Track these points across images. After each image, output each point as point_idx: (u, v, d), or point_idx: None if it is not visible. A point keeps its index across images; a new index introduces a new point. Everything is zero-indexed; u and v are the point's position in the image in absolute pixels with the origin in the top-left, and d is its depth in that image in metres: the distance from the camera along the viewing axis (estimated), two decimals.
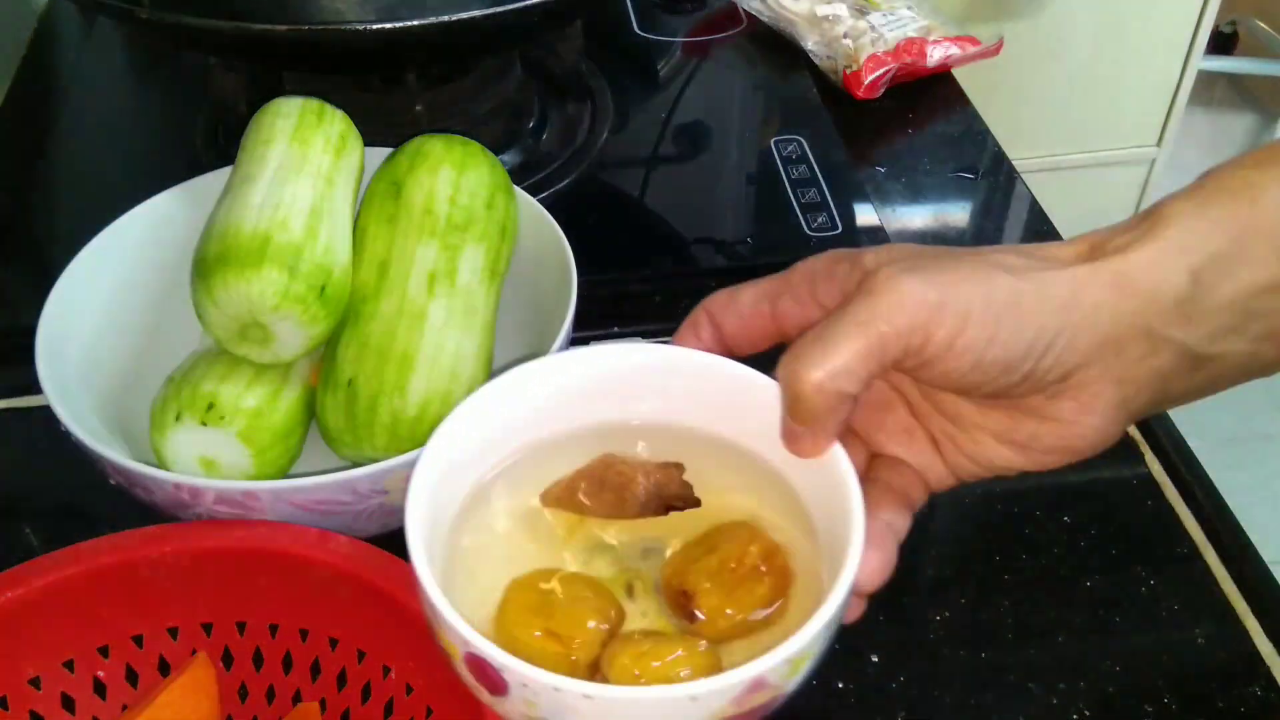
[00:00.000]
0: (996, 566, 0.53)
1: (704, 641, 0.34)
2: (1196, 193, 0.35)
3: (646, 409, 0.39)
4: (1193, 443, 0.58)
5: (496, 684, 0.31)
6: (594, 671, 0.34)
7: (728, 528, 0.37)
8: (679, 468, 0.38)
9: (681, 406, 0.39)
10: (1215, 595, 0.52)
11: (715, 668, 0.33)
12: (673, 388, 0.39)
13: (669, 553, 0.37)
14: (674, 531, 0.37)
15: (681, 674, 0.32)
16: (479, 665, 0.31)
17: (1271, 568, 0.53)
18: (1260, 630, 0.50)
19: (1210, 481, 0.57)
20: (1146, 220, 0.35)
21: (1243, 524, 0.55)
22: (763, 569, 0.35)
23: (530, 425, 0.39)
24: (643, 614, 0.36)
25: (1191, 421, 0.62)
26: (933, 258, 0.35)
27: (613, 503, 0.38)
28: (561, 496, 0.38)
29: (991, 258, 0.35)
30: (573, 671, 0.33)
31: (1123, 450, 0.58)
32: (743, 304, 0.38)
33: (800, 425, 0.35)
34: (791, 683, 0.32)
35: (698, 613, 0.35)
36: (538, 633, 0.34)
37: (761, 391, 0.37)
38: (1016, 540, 0.54)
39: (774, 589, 0.35)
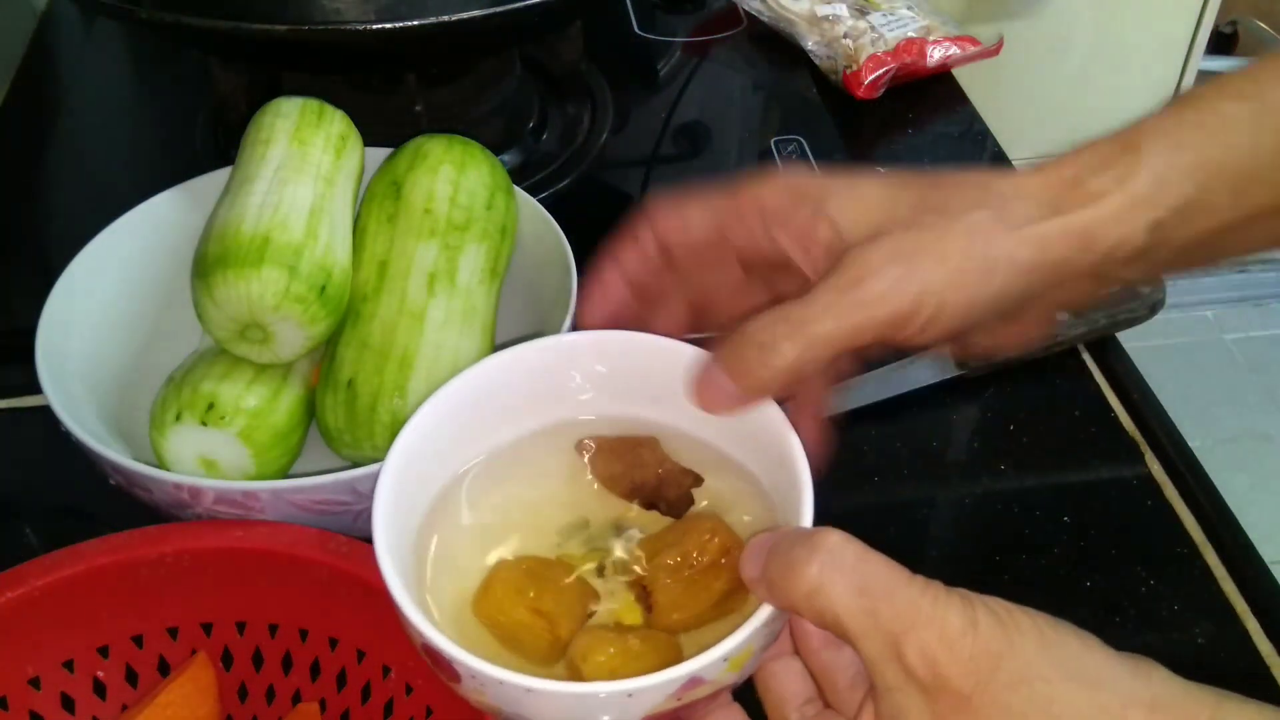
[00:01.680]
0: (996, 566, 0.53)
1: (667, 635, 0.35)
2: (1174, 127, 0.35)
3: (597, 399, 0.40)
4: (1193, 443, 0.58)
5: (450, 673, 0.32)
6: (565, 649, 0.35)
7: (691, 519, 0.38)
8: (695, 481, 0.39)
9: (625, 392, 0.40)
10: (1215, 595, 0.52)
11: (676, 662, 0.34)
12: (618, 374, 0.39)
13: (639, 538, 0.38)
14: (646, 518, 0.38)
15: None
16: (434, 655, 0.32)
17: (1271, 568, 0.53)
18: (1260, 630, 0.50)
19: (1210, 481, 0.57)
20: (1123, 158, 0.35)
21: (1243, 524, 0.54)
22: (722, 562, 0.36)
23: (496, 418, 0.39)
24: (610, 594, 0.37)
25: (1191, 421, 0.62)
26: (905, 225, 0.34)
27: (615, 474, 0.39)
28: (587, 443, 0.39)
29: (965, 220, 0.34)
30: (555, 646, 0.34)
31: (1123, 450, 0.58)
32: (690, 222, 0.38)
33: (741, 385, 0.35)
34: (734, 676, 0.32)
35: (654, 606, 0.36)
36: (526, 610, 0.35)
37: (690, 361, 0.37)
38: (1016, 540, 0.54)
39: (731, 582, 0.35)
